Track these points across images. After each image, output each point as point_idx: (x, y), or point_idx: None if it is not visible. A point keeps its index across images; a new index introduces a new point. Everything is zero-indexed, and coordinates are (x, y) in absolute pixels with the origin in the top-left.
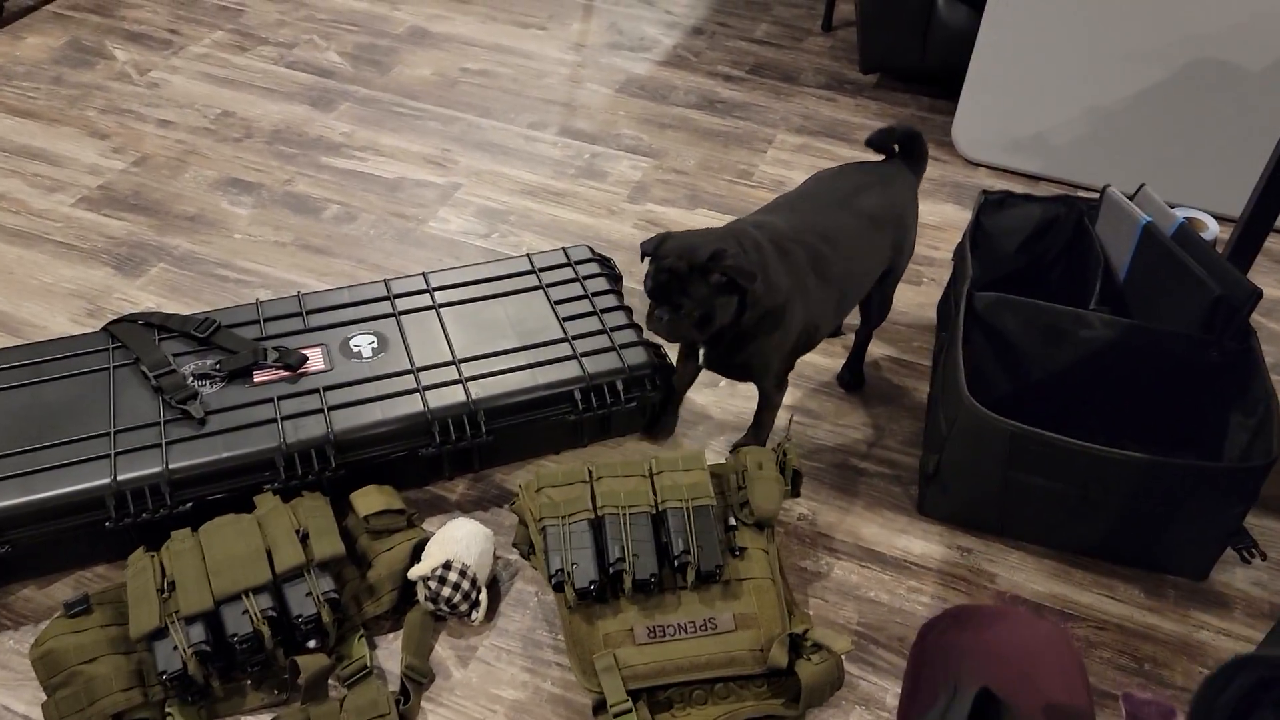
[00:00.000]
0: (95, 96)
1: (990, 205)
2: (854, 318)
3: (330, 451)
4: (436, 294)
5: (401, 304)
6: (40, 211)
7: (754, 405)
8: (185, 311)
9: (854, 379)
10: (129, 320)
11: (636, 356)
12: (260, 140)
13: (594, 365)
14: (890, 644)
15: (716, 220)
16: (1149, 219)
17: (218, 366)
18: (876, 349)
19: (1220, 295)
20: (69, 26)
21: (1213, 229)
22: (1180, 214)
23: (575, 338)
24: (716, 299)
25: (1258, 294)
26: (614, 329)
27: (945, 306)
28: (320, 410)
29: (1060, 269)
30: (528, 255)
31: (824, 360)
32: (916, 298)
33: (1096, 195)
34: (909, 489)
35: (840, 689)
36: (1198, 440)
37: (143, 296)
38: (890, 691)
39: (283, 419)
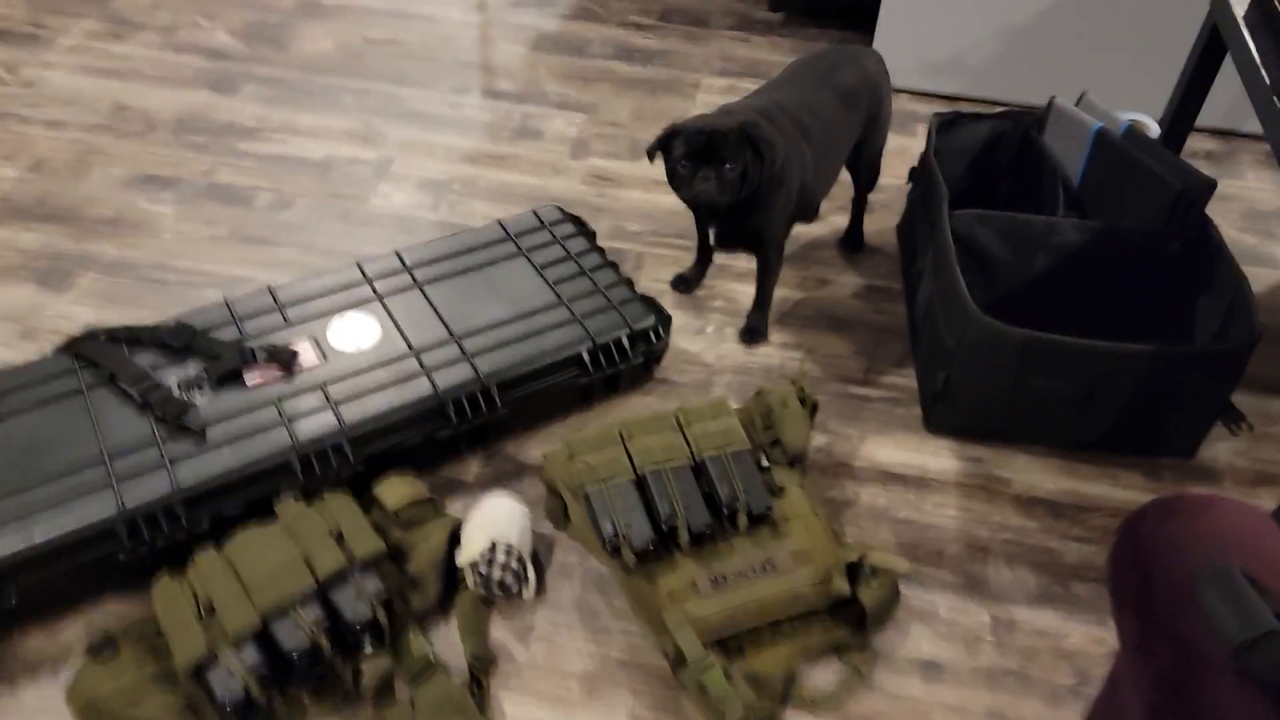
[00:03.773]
0: None
1: (943, 126)
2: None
3: (346, 447)
4: (415, 271)
5: (381, 286)
6: None
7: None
8: (129, 321)
9: (854, 240)
10: (91, 337)
11: (637, 311)
12: (165, 132)
13: (596, 325)
14: (930, 559)
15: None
16: (1101, 124)
17: (205, 373)
18: (847, 279)
19: (1181, 190)
20: None
21: (1154, 129)
22: (1123, 118)
23: (571, 300)
24: (750, 158)
25: (1212, 184)
26: (608, 287)
27: (908, 229)
28: (327, 406)
29: (1009, 182)
30: (499, 222)
31: (801, 294)
32: (870, 225)
33: (1040, 108)
34: (911, 409)
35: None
36: (1165, 328)
37: (77, 310)
38: (941, 604)
39: (289, 420)
